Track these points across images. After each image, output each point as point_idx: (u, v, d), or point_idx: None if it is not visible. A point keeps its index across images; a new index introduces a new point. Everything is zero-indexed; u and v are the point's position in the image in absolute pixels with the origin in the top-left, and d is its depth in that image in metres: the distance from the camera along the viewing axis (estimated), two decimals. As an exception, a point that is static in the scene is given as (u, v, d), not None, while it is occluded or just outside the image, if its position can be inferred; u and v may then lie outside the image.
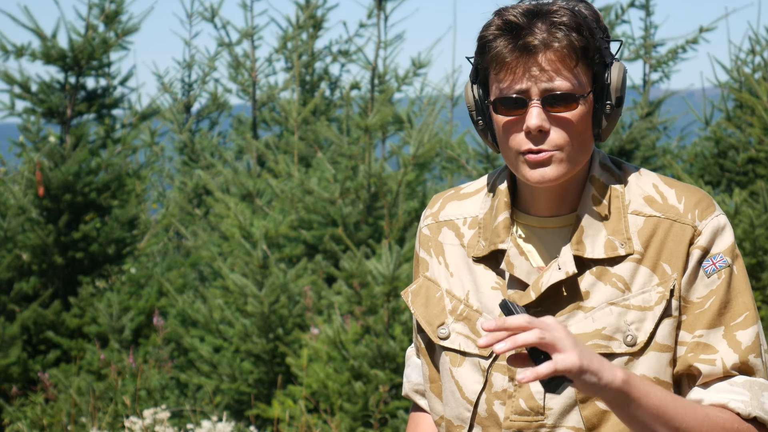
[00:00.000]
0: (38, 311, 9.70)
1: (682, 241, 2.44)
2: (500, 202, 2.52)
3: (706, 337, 2.43)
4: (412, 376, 2.71)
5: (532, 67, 2.38)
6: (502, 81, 2.41)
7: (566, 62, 2.38)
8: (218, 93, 14.58)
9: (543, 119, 2.39)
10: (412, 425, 2.72)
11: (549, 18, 2.39)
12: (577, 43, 2.38)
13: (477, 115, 2.50)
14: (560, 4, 2.42)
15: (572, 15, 2.39)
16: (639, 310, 2.42)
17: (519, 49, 2.37)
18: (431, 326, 2.55)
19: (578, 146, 2.42)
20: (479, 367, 2.49)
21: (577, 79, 2.40)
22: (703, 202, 2.48)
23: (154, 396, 8.48)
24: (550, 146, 2.39)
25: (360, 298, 8.34)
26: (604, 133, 2.47)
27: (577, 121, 2.41)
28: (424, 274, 2.60)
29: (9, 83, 10.10)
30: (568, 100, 2.39)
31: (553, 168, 2.40)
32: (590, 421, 2.43)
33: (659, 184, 2.51)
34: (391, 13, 10.66)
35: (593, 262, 2.45)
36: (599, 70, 2.44)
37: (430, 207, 2.64)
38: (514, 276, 2.47)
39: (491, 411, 2.48)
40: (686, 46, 11.17)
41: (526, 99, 2.39)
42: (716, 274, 2.44)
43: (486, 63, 2.43)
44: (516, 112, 2.40)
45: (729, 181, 9.89)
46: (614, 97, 2.44)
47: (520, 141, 2.41)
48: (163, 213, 12.25)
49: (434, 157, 10.37)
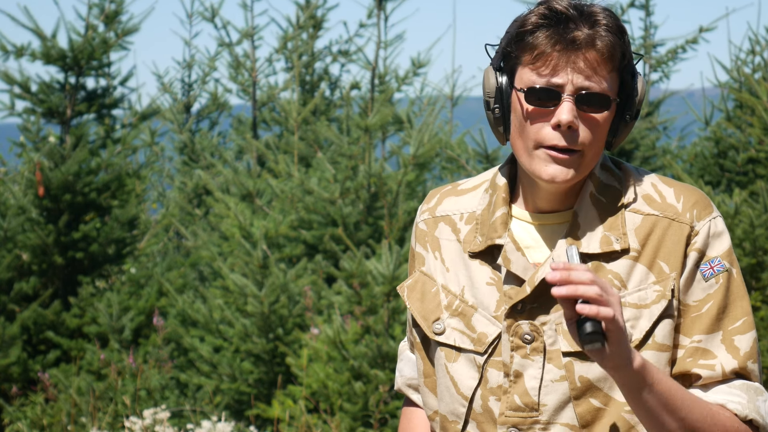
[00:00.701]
0: (38, 311, 9.70)
1: (680, 240, 2.43)
2: (498, 198, 2.51)
3: (705, 343, 2.43)
4: (405, 370, 2.71)
5: (572, 62, 2.37)
6: (539, 70, 2.39)
7: (606, 64, 2.38)
8: (218, 93, 14.59)
9: (575, 116, 2.38)
10: (404, 420, 2.72)
11: (594, 17, 2.38)
12: (618, 47, 2.38)
13: (494, 103, 2.47)
14: (600, 7, 2.41)
15: (614, 19, 2.39)
16: (634, 307, 2.42)
17: (563, 42, 2.36)
18: (426, 321, 2.55)
19: (596, 151, 2.42)
20: (474, 362, 2.48)
21: (611, 83, 2.40)
22: (701, 202, 2.47)
23: (154, 396, 8.48)
24: (574, 145, 2.38)
25: (360, 298, 8.34)
26: (616, 142, 2.47)
27: (602, 124, 2.40)
28: (420, 269, 2.59)
29: (9, 83, 10.10)
30: (602, 102, 2.39)
31: (568, 170, 2.40)
32: (584, 418, 2.43)
33: (658, 183, 2.50)
34: (391, 13, 10.67)
35: (589, 257, 2.44)
36: (627, 78, 2.43)
37: (427, 202, 2.63)
38: (511, 271, 2.46)
39: (486, 407, 2.48)
40: (686, 46, 11.18)
41: (560, 92, 2.38)
42: (714, 279, 2.44)
43: (521, 50, 2.41)
44: (547, 104, 2.39)
45: (729, 181, 9.89)
46: (635, 108, 2.44)
47: (546, 134, 2.39)
48: (163, 213, 12.25)
49: (434, 157, 10.38)
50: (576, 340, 2.25)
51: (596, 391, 2.42)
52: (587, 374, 2.42)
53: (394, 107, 10.77)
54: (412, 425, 2.69)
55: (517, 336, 2.45)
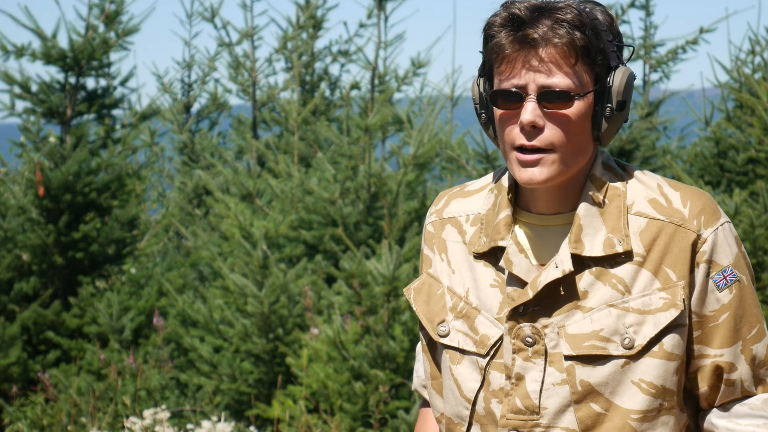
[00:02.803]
0: (38, 311, 9.70)
1: (686, 247, 2.42)
2: (503, 199, 2.51)
3: (727, 356, 2.44)
4: (421, 371, 2.71)
5: (530, 61, 2.37)
6: (502, 74, 2.40)
7: (566, 59, 2.37)
8: (218, 93, 14.60)
9: (537, 115, 2.38)
10: (420, 420, 2.73)
11: (553, 15, 2.38)
12: (578, 41, 2.37)
13: (481, 109, 2.49)
14: (567, 2, 2.40)
15: (577, 14, 2.38)
16: (638, 313, 2.41)
17: (518, 42, 2.37)
18: (432, 323, 2.55)
19: (573, 147, 2.40)
20: (477, 365, 2.48)
21: (578, 78, 2.39)
22: (708, 208, 2.45)
23: (154, 396, 8.48)
24: (542, 143, 2.38)
25: (360, 298, 8.34)
26: (605, 136, 2.45)
27: (574, 120, 2.39)
28: (427, 271, 2.60)
29: (9, 83, 10.10)
30: (564, 98, 2.38)
31: (542, 170, 2.39)
32: (584, 422, 2.43)
33: (664, 186, 2.48)
34: (391, 13, 10.66)
35: (592, 261, 2.44)
36: (602, 71, 2.42)
37: (435, 204, 2.63)
38: (513, 273, 2.46)
39: (489, 409, 2.47)
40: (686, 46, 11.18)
41: (522, 94, 2.38)
42: (728, 289, 2.43)
43: (488, 55, 2.43)
44: (513, 106, 2.40)
45: (729, 181, 9.89)
46: (615, 100, 2.42)
47: (514, 135, 2.40)
48: (163, 213, 12.25)
49: (434, 158, 10.37)
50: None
51: (597, 396, 2.42)
52: (588, 378, 2.41)
53: (394, 107, 10.77)
54: (426, 426, 2.70)
55: (519, 338, 2.45)
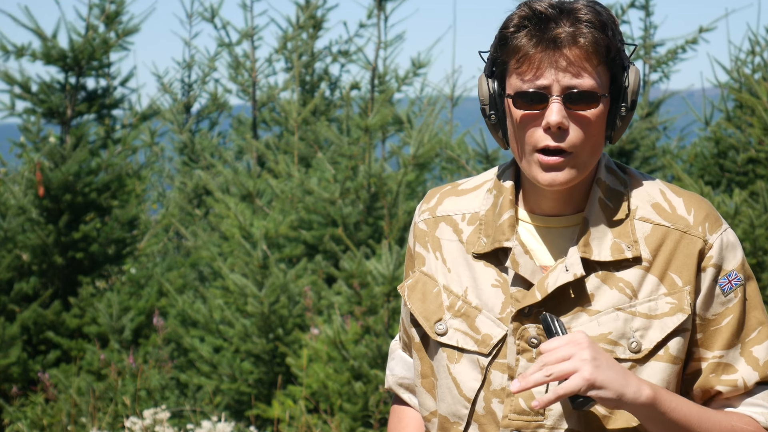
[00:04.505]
0: (38, 311, 9.70)
1: (692, 253, 2.43)
2: (505, 200, 2.50)
3: (726, 357, 2.45)
4: (396, 369, 2.70)
5: (556, 61, 2.35)
6: (524, 74, 2.38)
7: (591, 60, 2.36)
8: (218, 93, 14.59)
9: (564, 116, 2.37)
10: (395, 419, 2.71)
11: (574, 14, 2.37)
12: (601, 41, 2.36)
13: (490, 110, 2.46)
14: (583, 3, 2.39)
15: (596, 13, 2.37)
16: (645, 317, 2.42)
17: (545, 42, 2.35)
18: (428, 322, 2.54)
19: (591, 148, 2.40)
20: (478, 364, 2.48)
21: (600, 78, 2.38)
22: (711, 215, 2.47)
23: (154, 396, 8.48)
24: (567, 145, 2.37)
25: (360, 299, 8.34)
26: (616, 135, 2.45)
27: (594, 121, 2.39)
28: (420, 269, 2.58)
29: (9, 83, 10.10)
30: (590, 99, 2.37)
31: (564, 173, 2.39)
32: (590, 424, 2.43)
33: (666, 191, 2.49)
34: (391, 13, 10.66)
35: (599, 264, 2.44)
36: (617, 71, 2.42)
37: (426, 201, 2.61)
38: (519, 274, 2.45)
39: (489, 409, 2.47)
40: (686, 46, 11.18)
41: (547, 94, 2.37)
42: (733, 293, 2.45)
43: (506, 55, 2.40)
44: (536, 107, 2.38)
45: (729, 181, 9.89)
46: (630, 99, 2.43)
47: (538, 137, 2.39)
48: (163, 213, 12.25)
49: (434, 158, 10.37)
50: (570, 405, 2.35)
51: None
52: None
53: (394, 107, 10.76)
54: (402, 424, 2.68)
55: (524, 339, 2.45)
